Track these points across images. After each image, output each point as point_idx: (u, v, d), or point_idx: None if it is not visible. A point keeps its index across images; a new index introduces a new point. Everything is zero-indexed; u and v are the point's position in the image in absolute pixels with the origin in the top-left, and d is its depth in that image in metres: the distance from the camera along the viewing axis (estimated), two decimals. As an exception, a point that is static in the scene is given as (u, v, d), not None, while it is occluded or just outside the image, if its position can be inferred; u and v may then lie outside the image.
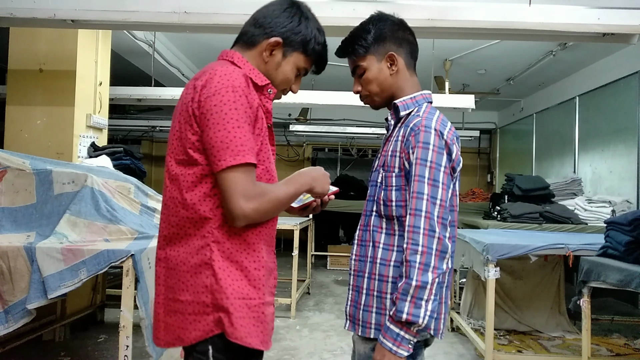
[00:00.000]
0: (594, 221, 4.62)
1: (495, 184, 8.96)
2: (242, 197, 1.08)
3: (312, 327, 4.04)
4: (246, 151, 1.09)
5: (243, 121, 1.09)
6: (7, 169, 2.59)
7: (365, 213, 1.39)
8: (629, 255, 2.53)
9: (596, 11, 2.89)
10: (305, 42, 1.27)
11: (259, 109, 1.17)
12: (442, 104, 4.54)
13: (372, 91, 1.40)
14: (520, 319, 3.92)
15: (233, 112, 1.08)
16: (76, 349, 3.35)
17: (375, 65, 1.38)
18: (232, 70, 1.13)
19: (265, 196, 1.13)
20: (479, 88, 7.33)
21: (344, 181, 8.15)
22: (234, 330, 1.10)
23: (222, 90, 1.09)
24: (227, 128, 1.08)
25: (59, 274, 2.23)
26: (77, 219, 2.49)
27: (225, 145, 1.07)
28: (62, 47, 3.77)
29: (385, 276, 1.29)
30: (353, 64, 1.43)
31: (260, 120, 1.17)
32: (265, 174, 1.20)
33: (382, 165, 1.34)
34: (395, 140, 1.32)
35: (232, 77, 1.11)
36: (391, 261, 1.28)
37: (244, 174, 1.09)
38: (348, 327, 1.38)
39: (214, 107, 1.08)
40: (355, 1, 2.88)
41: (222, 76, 1.11)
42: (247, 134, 1.10)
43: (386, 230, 1.31)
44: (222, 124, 1.08)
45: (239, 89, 1.10)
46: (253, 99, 1.14)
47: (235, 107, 1.08)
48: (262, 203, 1.11)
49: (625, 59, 5.19)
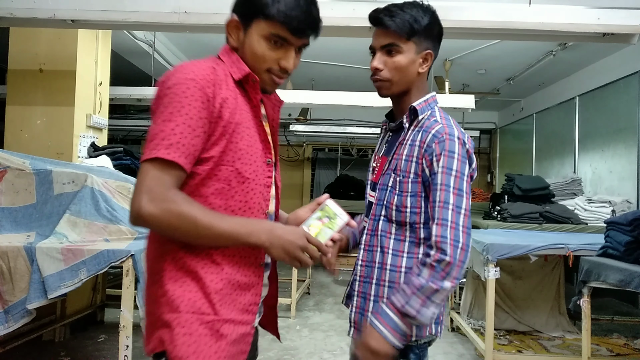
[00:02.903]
0: (594, 221, 4.62)
1: (495, 184, 8.95)
2: (144, 193, 0.93)
3: (312, 327, 4.04)
4: (166, 146, 0.94)
5: (183, 114, 0.95)
6: (7, 169, 2.59)
7: (373, 217, 1.33)
8: (629, 255, 2.53)
9: (596, 11, 2.89)
10: (260, 6, 1.05)
11: (225, 104, 1.01)
12: (442, 104, 4.51)
13: (394, 78, 1.30)
14: (520, 319, 3.92)
15: (175, 105, 0.95)
16: (76, 349, 3.35)
17: (412, 55, 1.29)
18: (197, 63, 1.02)
19: (174, 206, 0.94)
20: (479, 88, 7.32)
21: (344, 181, 8.16)
22: (173, 348, 0.97)
23: (176, 85, 0.97)
24: (158, 121, 0.96)
25: (59, 274, 2.23)
26: (77, 219, 2.49)
27: (151, 138, 0.96)
28: (62, 47, 3.77)
29: (397, 283, 1.25)
30: (389, 39, 1.28)
31: (227, 116, 1.01)
32: (237, 176, 1.04)
33: (394, 169, 1.29)
34: (411, 145, 1.27)
35: (191, 69, 0.99)
36: (402, 267, 1.26)
37: (157, 171, 0.94)
38: (353, 335, 1.34)
39: (160, 100, 0.98)
40: (356, 1, 2.88)
41: (180, 70, 1.00)
42: (180, 129, 0.95)
43: (395, 235, 1.28)
44: (158, 116, 0.96)
45: (191, 82, 0.97)
46: (217, 92, 1.00)
47: (178, 100, 0.96)
48: (165, 212, 0.93)
49: (625, 59, 5.19)
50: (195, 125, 0.97)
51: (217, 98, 1.00)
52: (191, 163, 0.98)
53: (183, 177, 0.98)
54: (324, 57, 5.78)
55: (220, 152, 1.01)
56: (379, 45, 1.30)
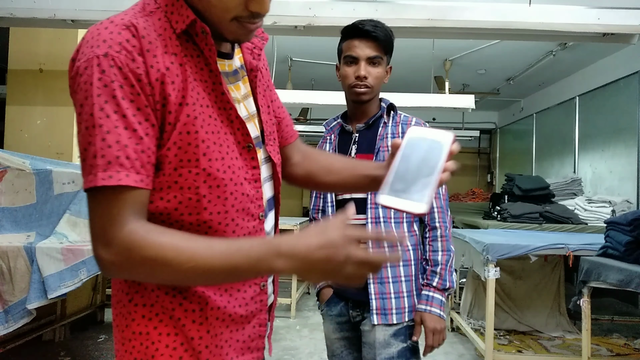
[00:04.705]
0: (594, 221, 4.62)
1: (495, 184, 8.95)
2: (97, 239, 0.68)
3: (312, 327, 4.04)
4: (104, 167, 0.65)
5: (110, 112, 0.66)
6: (7, 169, 2.59)
7: (373, 206, 1.44)
8: (629, 255, 2.53)
9: (596, 11, 2.89)
10: None
11: (166, 77, 0.71)
12: (442, 104, 4.54)
13: (375, 87, 1.48)
14: (520, 319, 3.91)
15: (95, 100, 0.66)
16: (76, 349, 3.35)
17: (384, 67, 1.50)
18: (109, 24, 0.70)
19: (135, 252, 0.66)
20: (479, 88, 7.32)
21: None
22: None
23: (87, 68, 0.67)
24: (80, 129, 0.68)
25: (59, 274, 2.23)
26: (77, 219, 2.50)
27: (81, 156, 0.68)
28: (62, 47, 3.77)
29: (409, 260, 1.46)
30: (375, 51, 1.45)
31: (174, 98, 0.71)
32: (206, 179, 0.74)
33: (383, 160, 1.34)
34: (393, 137, 1.48)
35: (101, 37, 0.68)
36: (409, 246, 1.47)
37: (102, 204, 0.67)
38: (378, 321, 1.43)
39: (73, 95, 0.70)
40: (355, 1, 2.88)
41: (87, 41, 0.70)
42: (114, 136, 0.66)
43: (395, 219, 1.45)
44: (79, 120, 0.69)
45: (105, 60, 0.67)
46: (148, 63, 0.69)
47: (96, 92, 0.66)
48: (127, 260, 0.66)
49: (625, 59, 5.19)
50: (134, 122, 0.67)
51: (152, 73, 0.69)
52: (151, 173, 0.70)
53: (145, 195, 0.70)
54: (324, 57, 5.78)
55: (175, 150, 0.72)
56: (366, 56, 1.45)
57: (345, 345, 1.55)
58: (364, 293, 1.45)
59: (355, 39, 1.44)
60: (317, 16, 2.72)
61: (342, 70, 1.50)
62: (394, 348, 1.40)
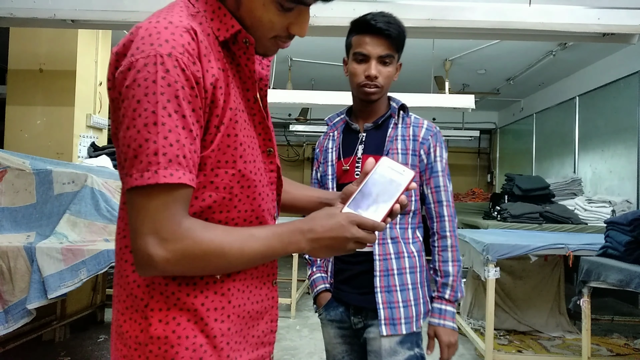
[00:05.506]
0: (594, 221, 4.62)
1: (495, 184, 8.95)
2: (150, 235, 0.68)
3: (312, 327, 4.04)
4: (165, 164, 0.67)
5: (172, 112, 0.67)
6: (7, 169, 2.59)
7: None
8: (629, 255, 2.53)
9: (596, 11, 2.89)
10: None
11: (219, 83, 0.73)
12: (442, 104, 4.54)
13: (385, 86, 1.42)
14: (520, 319, 3.92)
15: (151, 98, 0.67)
16: (76, 349, 3.35)
17: (395, 65, 1.42)
18: (169, 25, 0.70)
19: (194, 245, 0.70)
20: (479, 88, 7.32)
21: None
22: None
23: (148, 65, 0.67)
24: (137, 125, 0.67)
25: (59, 274, 2.23)
26: (77, 219, 2.49)
27: (133, 152, 0.67)
28: (62, 47, 3.77)
29: (415, 267, 1.42)
30: (387, 50, 1.36)
31: (222, 102, 0.74)
32: (240, 180, 0.78)
33: None
34: (404, 139, 1.42)
35: (164, 36, 0.68)
36: (414, 252, 1.43)
37: (160, 200, 0.68)
38: (388, 332, 1.36)
39: (126, 89, 0.68)
40: (355, 1, 2.88)
41: (144, 38, 0.68)
42: (175, 135, 0.67)
43: (400, 225, 1.42)
44: (133, 116, 0.67)
45: (169, 59, 0.67)
46: (205, 68, 0.72)
47: (160, 90, 0.67)
48: (183, 254, 0.69)
49: (625, 59, 5.19)
50: (190, 124, 0.69)
51: (207, 77, 0.72)
52: (196, 173, 0.72)
53: (191, 194, 0.72)
54: (324, 57, 5.78)
55: (217, 151, 0.75)
56: (377, 55, 1.36)
57: (347, 351, 1.48)
58: (365, 299, 1.40)
59: (366, 35, 1.36)
60: (317, 16, 2.72)
61: (350, 66, 1.41)
62: (401, 356, 1.34)
